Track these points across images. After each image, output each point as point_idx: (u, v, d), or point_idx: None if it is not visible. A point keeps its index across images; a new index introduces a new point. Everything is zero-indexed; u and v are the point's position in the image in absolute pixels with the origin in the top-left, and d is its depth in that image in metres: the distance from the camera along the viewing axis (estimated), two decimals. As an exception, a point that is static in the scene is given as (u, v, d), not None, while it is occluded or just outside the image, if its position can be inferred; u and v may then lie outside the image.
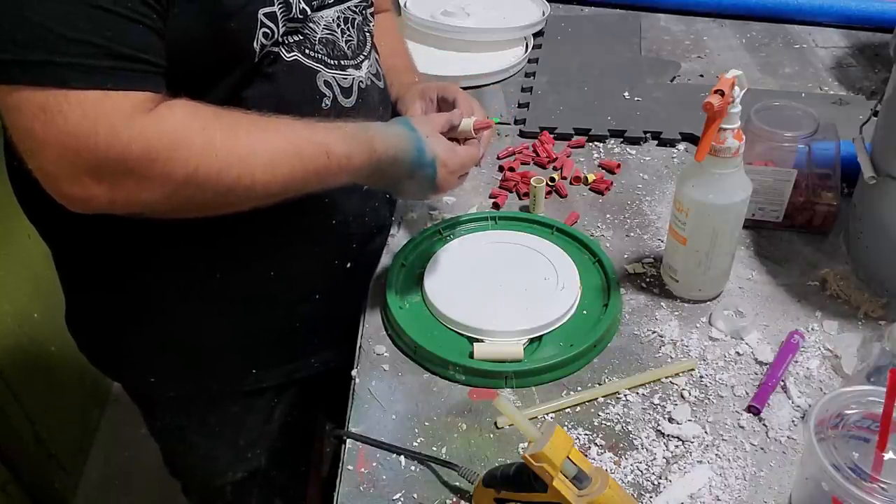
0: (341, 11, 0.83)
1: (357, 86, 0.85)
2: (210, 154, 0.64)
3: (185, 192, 0.65)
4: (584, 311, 0.86)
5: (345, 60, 0.83)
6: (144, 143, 0.61)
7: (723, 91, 0.72)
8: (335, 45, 0.82)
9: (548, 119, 1.19)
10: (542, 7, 1.44)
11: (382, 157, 0.76)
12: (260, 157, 0.67)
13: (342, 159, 0.73)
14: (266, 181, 0.68)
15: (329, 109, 0.81)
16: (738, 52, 1.37)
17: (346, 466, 0.73)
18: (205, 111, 0.67)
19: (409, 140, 0.78)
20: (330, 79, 0.81)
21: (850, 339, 0.81)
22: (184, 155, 0.63)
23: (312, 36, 0.79)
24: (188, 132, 0.64)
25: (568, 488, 0.60)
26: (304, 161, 0.70)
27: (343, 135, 0.74)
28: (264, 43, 0.72)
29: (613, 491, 0.60)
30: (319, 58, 0.80)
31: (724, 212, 0.80)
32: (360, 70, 0.86)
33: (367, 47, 0.89)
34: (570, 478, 0.60)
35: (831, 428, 0.60)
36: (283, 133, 0.70)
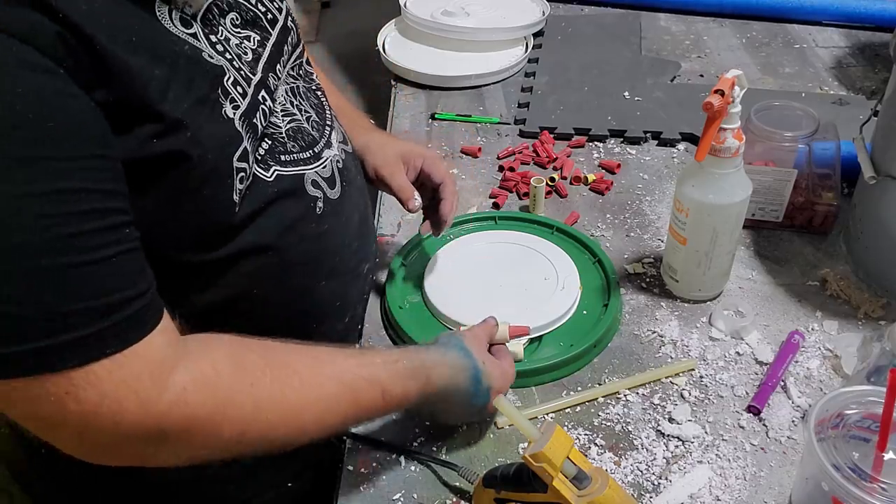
0: (286, 83, 0.74)
1: (335, 168, 0.77)
2: (260, 413, 0.57)
3: (237, 449, 0.58)
4: (584, 312, 0.86)
5: (316, 146, 0.75)
6: (186, 413, 0.53)
7: (723, 91, 0.72)
8: (302, 132, 0.74)
9: (548, 119, 1.19)
10: (542, 7, 1.44)
11: (438, 390, 0.68)
12: (312, 412, 0.60)
13: (399, 398, 0.65)
14: (317, 431, 0.61)
15: (322, 213, 0.74)
16: (738, 52, 1.37)
17: (346, 466, 0.73)
18: (251, 357, 0.59)
19: (466, 370, 0.69)
20: (314, 176, 0.73)
21: (850, 339, 0.81)
22: (233, 416, 0.55)
23: (279, 135, 0.71)
24: (236, 392, 0.56)
25: (568, 488, 0.60)
26: (359, 405, 0.63)
27: (399, 371, 0.65)
28: (240, 189, 0.64)
29: (613, 491, 0.60)
30: (296, 158, 0.72)
31: (724, 212, 0.80)
32: (332, 147, 0.78)
33: (326, 111, 0.81)
34: (570, 478, 0.60)
35: (831, 428, 0.60)
36: (336, 374, 0.62)
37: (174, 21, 0.60)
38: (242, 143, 0.63)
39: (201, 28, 0.63)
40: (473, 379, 0.69)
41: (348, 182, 0.79)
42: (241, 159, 0.63)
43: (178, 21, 0.60)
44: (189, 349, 0.56)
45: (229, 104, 0.62)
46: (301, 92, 0.77)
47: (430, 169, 0.88)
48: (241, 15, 0.69)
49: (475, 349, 0.70)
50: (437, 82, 1.30)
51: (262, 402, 0.57)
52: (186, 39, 0.60)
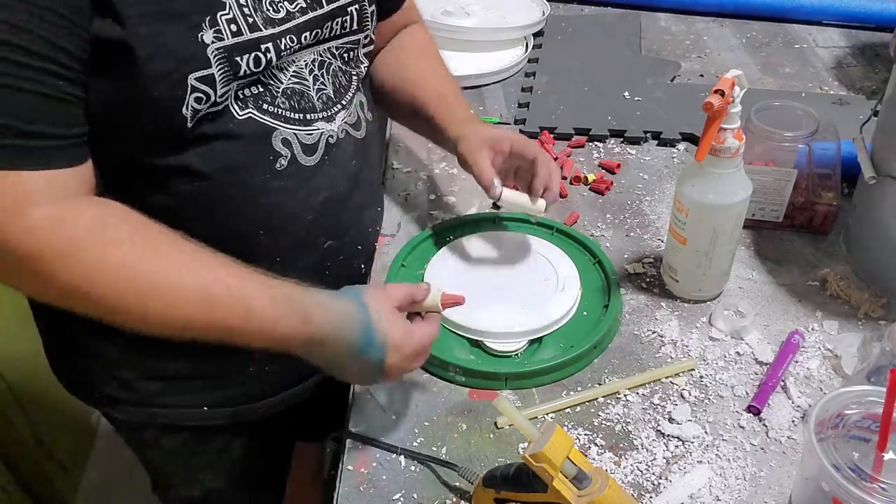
0: (318, 54, 0.78)
1: (325, 141, 0.78)
2: (101, 272, 0.59)
3: (69, 301, 0.61)
4: (584, 313, 0.86)
5: (312, 114, 0.77)
6: (32, 242, 0.57)
7: (723, 91, 0.72)
8: (302, 97, 0.76)
9: (548, 119, 1.19)
10: (542, 7, 1.44)
11: (318, 332, 0.66)
12: (159, 293, 0.61)
13: (265, 322, 0.64)
14: (160, 319, 0.62)
15: (285, 170, 0.75)
16: (738, 52, 1.37)
17: (346, 466, 0.73)
18: (118, 226, 0.61)
19: (355, 319, 0.66)
20: (290, 136, 0.75)
21: (850, 339, 0.81)
22: (71, 263, 0.58)
23: (275, 87, 0.74)
24: (84, 243, 0.59)
25: (568, 488, 0.60)
26: (213, 312, 0.62)
27: (275, 297, 0.65)
28: (197, 108, 0.67)
29: (613, 491, 0.60)
30: (279, 112, 0.74)
31: (724, 212, 0.80)
32: (333, 123, 0.79)
33: (348, 95, 0.83)
34: (570, 478, 0.60)
35: (831, 428, 0.60)
36: (200, 273, 0.63)
37: None
38: (210, 68, 0.66)
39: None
40: (363, 331, 0.66)
41: (333, 160, 0.80)
42: (202, 81, 0.66)
43: None
44: (72, 202, 0.60)
45: (211, 32, 0.66)
46: (332, 69, 0.80)
47: (520, 150, 0.86)
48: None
49: (375, 303, 0.68)
50: (437, 82, 1.30)
51: (108, 265, 0.59)
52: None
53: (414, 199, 1.06)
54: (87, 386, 0.88)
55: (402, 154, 1.15)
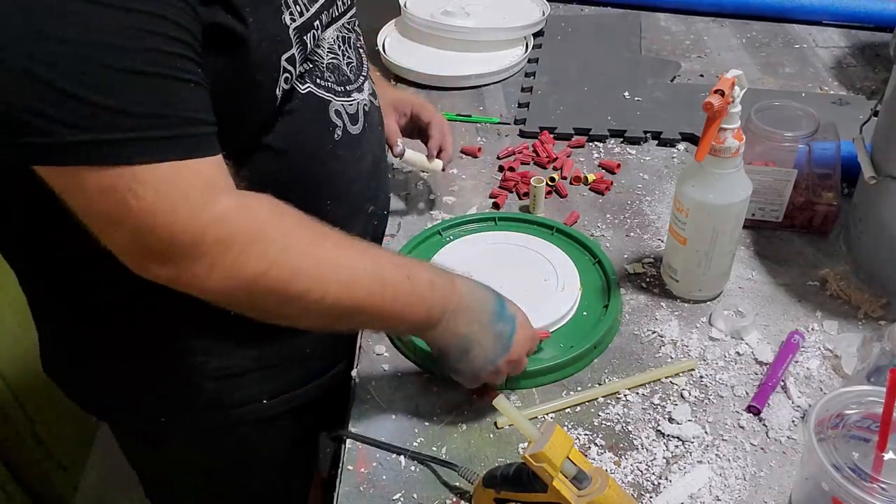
0: (338, 30, 0.81)
1: (362, 109, 0.83)
2: (289, 256, 0.61)
3: (250, 291, 0.61)
4: (584, 313, 0.86)
5: (349, 85, 0.82)
6: (224, 230, 0.58)
7: (723, 91, 0.72)
8: (339, 70, 0.81)
9: (548, 119, 1.19)
10: (542, 7, 1.44)
11: (465, 297, 0.71)
12: (340, 272, 0.64)
13: (424, 285, 0.69)
14: (339, 297, 0.64)
15: (341, 140, 0.80)
16: (738, 52, 1.37)
17: (346, 466, 0.73)
18: (292, 214, 0.64)
19: (490, 291, 0.74)
20: (339, 107, 0.79)
21: (850, 339, 0.81)
22: (261, 250, 0.60)
23: (321, 63, 0.77)
24: (271, 230, 0.61)
25: (568, 488, 0.60)
26: (385, 283, 0.66)
27: (424, 265, 0.72)
28: (284, 88, 0.70)
29: (613, 491, 0.60)
30: (329, 86, 0.78)
31: (724, 212, 0.80)
32: (363, 92, 0.84)
33: (365, 67, 0.88)
34: (570, 478, 0.60)
35: (831, 428, 0.60)
36: (366, 252, 0.67)
37: None
38: (292, 49, 0.69)
39: None
40: (498, 302, 0.73)
41: (370, 125, 0.85)
42: (289, 62, 0.69)
43: None
44: (245, 192, 0.62)
45: (288, 15, 0.68)
46: (350, 42, 0.84)
47: (417, 112, 0.99)
48: None
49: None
50: (437, 82, 1.30)
51: (292, 246, 0.62)
52: None
53: (414, 199, 1.06)
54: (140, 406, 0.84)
55: (402, 154, 1.14)
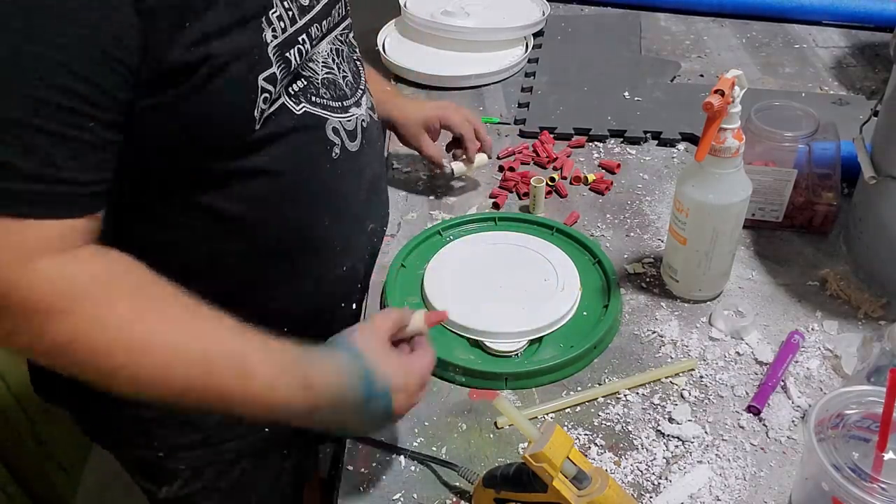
0: (331, 43, 0.80)
1: (360, 125, 0.82)
2: (100, 330, 0.55)
3: (58, 359, 0.56)
4: (584, 313, 0.86)
5: (346, 101, 0.81)
6: (27, 293, 0.53)
7: (723, 91, 0.72)
8: (335, 85, 0.79)
9: (548, 119, 1.19)
10: (542, 7, 1.44)
11: (321, 397, 0.61)
12: (153, 355, 0.56)
13: (264, 388, 0.59)
14: (153, 380, 0.57)
15: (339, 157, 0.79)
16: (738, 52, 1.37)
17: (346, 466, 0.73)
18: (126, 282, 0.58)
19: (353, 373, 0.62)
20: (337, 124, 0.78)
21: (850, 339, 0.81)
22: (66, 321, 0.54)
23: (315, 79, 0.76)
24: (86, 300, 0.55)
25: (568, 488, 0.60)
26: (211, 374, 0.58)
27: (272, 361, 0.60)
28: (264, 108, 0.67)
29: (613, 491, 0.60)
30: (325, 103, 0.77)
31: (724, 212, 0.80)
32: (360, 107, 0.83)
33: (362, 79, 0.87)
34: (570, 478, 0.60)
35: (831, 428, 0.60)
36: (200, 335, 0.59)
37: None
38: (272, 67, 0.67)
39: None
40: (364, 384, 0.62)
41: (369, 141, 0.85)
42: (268, 81, 0.67)
43: None
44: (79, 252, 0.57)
45: (269, 31, 0.67)
46: (344, 55, 0.83)
47: (445, 121, 1.02)
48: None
49: (368, 347, 0.64)
50: (437, 82, 1.30)
51: (107, 320, 0.55)
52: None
53: (414, 199, 1.06)
54: (138, 438, 0.83)
55: (402, 154, 1.14)
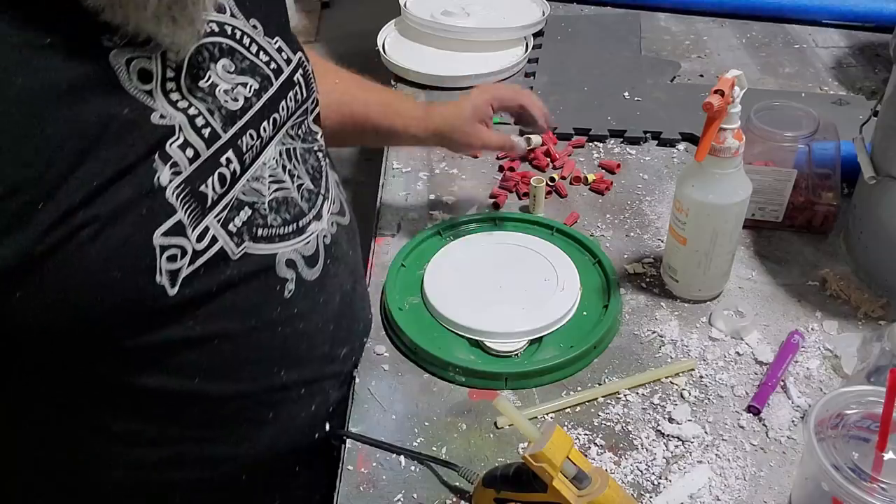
0: (281, 143, 0.67)
1: (321, 244, 0.70)
2: None
3: None
4: (583, 313, 0.86)
5: (303, 218, 0.68)
6: None
7: (723, 91, 0.72)
8: (288, 203, 0.66)
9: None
10: (542, 7, 1.44)
11: None
12: None
13: None
14: None
15: (293, 294, 0.67)
16: (738, 52, 1.37)
17: (346, 466, 0.73)
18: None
19: None
20: (291, 254, 0.66)
21: (850, 339, 0.81)
22: None
23: (261, 204, 0.63)
24: None
25: (568, 488, 0.59)
26: None
27: None
28: (174, 269, 0.56)
29: (613, 491, 0.60)
30: (273, 233, 0.64)
31: (724, 212, 0.80)
32: (321, 220, 0.70)
33: (322, 178, 0.73)
34: (569, 478, 0.60)
35: (831, 428, 0.60)
36: None
37: (131, 74, 0.54)
38: (175, 215, 0.55)
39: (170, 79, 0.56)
40: None
41: (335, 259, 0.72)
42: (169, 234, 0.55)
43: (135, 74, 0.54)
44: None
45: (168, 170, 0.55)
46: (297, 154, 0.69)
47: (503, 105, 0.91)
48: (236, 63, 0.63)
49: None
50: (437, 82, 1.30)
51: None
52: (136, 97, 0.54)
53: (414, 199, 1.06)
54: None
55: (402, 154, 1.14)
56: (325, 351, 0.74)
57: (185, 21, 0.54)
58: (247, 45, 0.65)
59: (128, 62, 0.54)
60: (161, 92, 0.56)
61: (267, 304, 0.65)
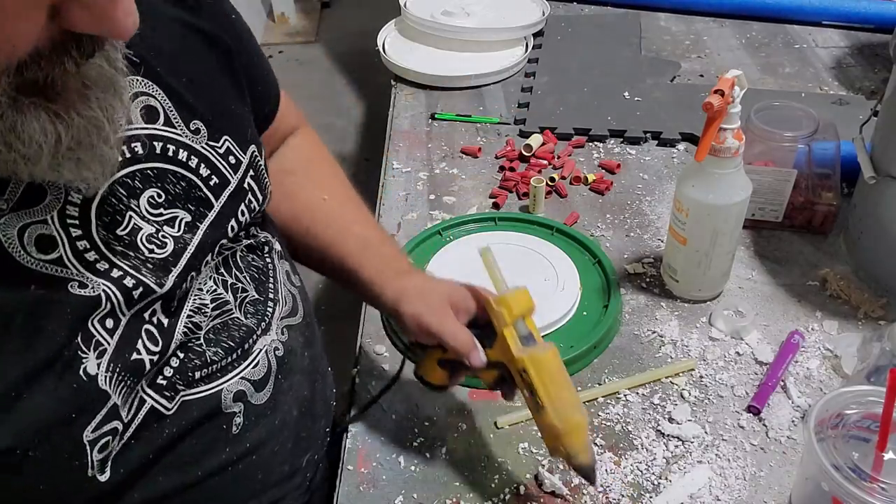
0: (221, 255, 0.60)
1: (271, 360, 0.62)
2: None
3: None
4: (584, 313, 0.86)
5: (249, 339, 0.59)
6: None
7: (723, 91, 0.72)
8: (230, 327, 0.59)
9: (548, 119, 1.18)
10: (542, 7, 1.44)
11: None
12: None
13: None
14: None
15: (243, 427, 0.59)
16: (738, 52, 1.37)
17: (346, 466, 0.73)
18: None
19: None
20: (236, 384, 0.59)
21: (850, 339, 0.81)
22: None
23: (196, 343, 0.56)
24: None
25: (515, 341, 0.61)
26: None
27: None
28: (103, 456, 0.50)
29: (554, 357, 0.62)
30: (214, 370, 0.57)
31: (724, 212, 0.80)
32: (270, 331, 0.62)
33: (270, 279, 0.64)
34: (519, 336, 0.62)
35: (831, 428, 0.60)
36: None
37: (26, 246, 0.45)
38: (108, 401, 0.49)
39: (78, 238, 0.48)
40: None
41: (288, 372, 0.64)
42: (100, 426, 0.49)
43: (32, 244, 0.46)
44: None
45: (93, 353, 0.48)
46: (237, 260, 0.61)
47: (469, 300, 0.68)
48: (167, 191, 0.54)
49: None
50: (437, 82, 1.30)
51: None
52: (41, 271, 0.46)
53: (414, 199, 1.06)
54: None
55: (402, 154, 1.15)
56: (285, 471, 0.66)
57: (92, 161, 0.44)
58: (183, 160, 0.55)
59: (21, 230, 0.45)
60: (73, 257, 0.47)
61: (214, 448, 0.58)
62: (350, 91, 2.97)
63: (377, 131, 1.37)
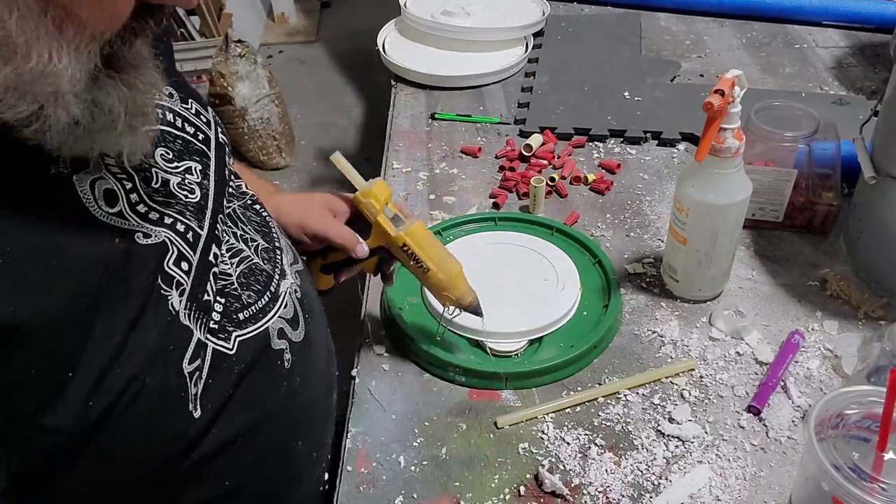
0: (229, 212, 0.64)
1: (295, 301, 0.66)
2: None
3: None
4: (584, 313, 0.86)
5: (272, 283, 0.63)
6: None
7: (723, 91, 0.72)
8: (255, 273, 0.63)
9: (548, 119, 1.19)
10: (542, 7, 1.44)
11: None
12: None
13: None
14: None
15: (293, 362, 0.64)
16: (738, 52, 1.37)
17: (346, 466, 0.73)
18: None
19: None
20: (277, 323, 0.63)
21: (850, 339, 0.81)
22: None
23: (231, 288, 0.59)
24: None
25: (388, 223, 0.74)
26: None
27: None
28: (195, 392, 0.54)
29: (420, 226, 0.74)
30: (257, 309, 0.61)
31: (724, 212, 0.80)
32: (287, 276, 0.67)
33: (270, 230, 0.69)
34: (390, 219, 0.74)
35: (831, 428, 0.60)
36: None
37: (97, 199, 0.49)
38: (193, 336, 0.53)
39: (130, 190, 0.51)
40: None
41: (311, 313, 0.69)
42: (193, 359, 0.53)
43: (101, 198, 0.49)
44: None
45: (175, 292, 0.52)
46: (239, 215, 0.65)
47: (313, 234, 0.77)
48: (170, 147, 0.58)
49: None
50: (437, 82, 1.30)
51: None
52: (113, 225, 0.49)
53: (414, 198, 1.06)
54: None
55: (402, 154, 1.15)
56: (326, 406, 0.73)
57: (144, 126, 0.49)
58: (171, 121, 0.60)
59: (91, 186, 0.48)
60: (130, 210, 0.51)
61: (272, 385, 0.62)
62: (350, 91, 2.97)
63: (377, 131, 1.37)
